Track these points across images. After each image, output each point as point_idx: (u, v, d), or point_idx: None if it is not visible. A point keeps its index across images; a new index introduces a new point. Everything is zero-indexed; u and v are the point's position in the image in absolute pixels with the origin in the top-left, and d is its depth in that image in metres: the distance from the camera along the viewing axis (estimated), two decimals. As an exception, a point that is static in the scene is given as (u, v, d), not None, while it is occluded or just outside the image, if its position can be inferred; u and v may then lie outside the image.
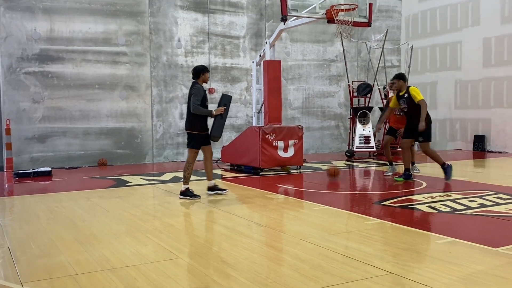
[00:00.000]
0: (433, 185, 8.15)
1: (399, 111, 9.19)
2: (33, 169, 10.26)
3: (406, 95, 8.31)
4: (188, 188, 7.18)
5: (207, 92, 7.42)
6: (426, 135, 8.27)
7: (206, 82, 7.33)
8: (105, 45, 12.02)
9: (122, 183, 8.94)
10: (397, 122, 9.71)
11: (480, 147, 14.08)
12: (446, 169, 8.46)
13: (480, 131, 14.22)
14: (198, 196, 7.13)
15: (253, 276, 3.77)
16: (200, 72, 7.16)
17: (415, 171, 9.42)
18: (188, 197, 7.10)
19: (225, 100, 7.26)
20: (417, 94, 8.22)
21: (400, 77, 8.51)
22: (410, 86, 8.47)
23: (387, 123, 11.16)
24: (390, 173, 9.27)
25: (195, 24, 13.13)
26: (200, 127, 7.12)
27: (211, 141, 7.27)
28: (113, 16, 12.08)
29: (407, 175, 8.57)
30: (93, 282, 3.69)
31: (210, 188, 7.41)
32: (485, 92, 14.02)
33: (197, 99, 6.95)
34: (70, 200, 7.21)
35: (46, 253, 4.47)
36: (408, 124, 8.55)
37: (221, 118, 7.11)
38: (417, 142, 8.73)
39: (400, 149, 13.55)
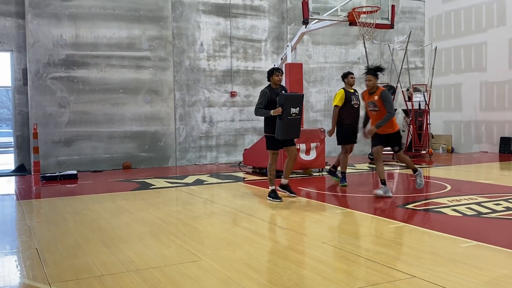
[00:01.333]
0: (457, 188, 8.05)
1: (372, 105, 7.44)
2: (59, 172, 10.46)
3: (357, 93, 8.41)
4: (273, 189, 7.21)
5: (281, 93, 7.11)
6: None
7: (278, 84, 7.17)
8: (129, 50, 12.21)
9: (146, 186, 9.06)
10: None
11: (506, 150, 13.82)
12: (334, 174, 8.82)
13: (507, 133, 13.96)
14: (280, 198, 7.09)
15: (275, 279, 3.79)
16: (269, 76, 7.21)
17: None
18: (270, 199, 7.14)
19: (281, 100, 6.96)
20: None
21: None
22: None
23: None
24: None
25: (217, 28, 13.24)
26: (271, 129, 7.09)
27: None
28: (136, 22, 12.27)
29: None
30: (118, 283, 3.76)
31: (282, 186, 7.47)
32: (512, 94, 13.77)
33: (260, 102, 7.06)
34: (95, 203, 7.35)
35: (73, 255, 4.57)
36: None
37: (279, 119, 6.91)
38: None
39: (424, 152, 13.45)
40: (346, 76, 8.52)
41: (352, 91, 8.43)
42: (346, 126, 8.38)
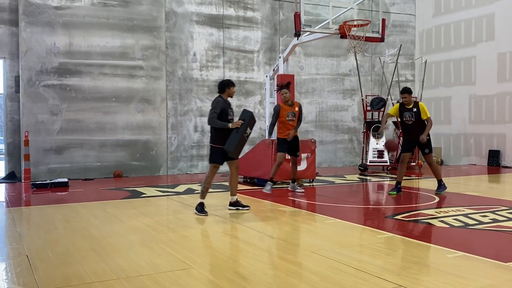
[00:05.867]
0: (446, 200, 8.15)
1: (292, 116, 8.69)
2: (50, 180, 10.45)
3: (415, 109, 8.47)
4: (201, 202, 7.04)
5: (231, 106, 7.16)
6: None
7: (232, 96, 7.17)
8: (122, 59, 12.27)
9: (137, 195, 9.08)
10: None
11: (494, 162, 13.99)
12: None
13: (495, 146, 14.15)
14: (206, 212, 6.93)
15: (265, 287, 3.84)
16: (225, 86, 7.06)
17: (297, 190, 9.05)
18: (196, 212, 6.97)
19: (244, 115, 7.00)
20: (426, 111, 8.46)
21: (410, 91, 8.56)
22: (419, 101, 8.71)
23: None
24: None
25: (210, 39, 13.34)
26: (220, 141, 6.91)
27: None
28: (130, 31, 12.34)
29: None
30: (108, 291, 3.79)
31: (232, 204, 7.28)
32: (500, 107, 13.96)
33: (214, 111, 6.86)
34: (86, 211, 7.36)
35: (64, 262, 4.59)
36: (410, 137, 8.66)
37: (236, 132, 6.83)
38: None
39: (413, 164, 13.60)
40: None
41: (409, 107, 8.67)
42: None
